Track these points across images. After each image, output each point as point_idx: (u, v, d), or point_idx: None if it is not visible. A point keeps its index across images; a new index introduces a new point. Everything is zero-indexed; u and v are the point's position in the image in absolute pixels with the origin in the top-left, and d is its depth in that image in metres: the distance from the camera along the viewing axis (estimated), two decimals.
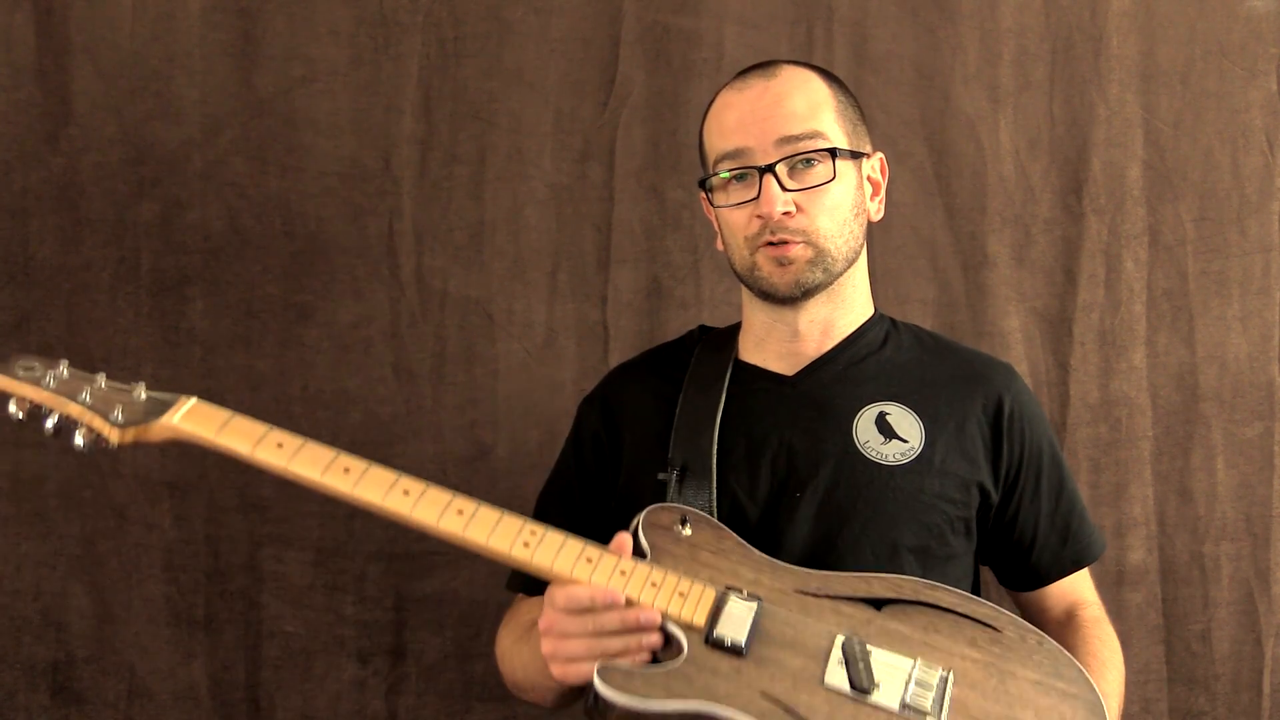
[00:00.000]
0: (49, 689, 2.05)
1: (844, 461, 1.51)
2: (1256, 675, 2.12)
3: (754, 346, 1.64)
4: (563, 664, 1.33)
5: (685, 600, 1.34)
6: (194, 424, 1.36)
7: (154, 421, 1.36)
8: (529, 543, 1.35)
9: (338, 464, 1.35)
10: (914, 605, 1.39)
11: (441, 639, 2.08)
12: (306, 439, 1.37)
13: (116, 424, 1.34)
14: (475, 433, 2.09)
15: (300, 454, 1.36)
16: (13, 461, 2.05)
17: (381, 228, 2.09)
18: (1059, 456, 1.64)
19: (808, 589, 1.39)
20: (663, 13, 2.10)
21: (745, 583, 1.38)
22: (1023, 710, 1.32)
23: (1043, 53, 2.11)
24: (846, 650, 1.32)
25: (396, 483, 1.36)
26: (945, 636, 1.36)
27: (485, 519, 1.36)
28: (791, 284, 1.53)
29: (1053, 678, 1.35)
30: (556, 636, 1.33)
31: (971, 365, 1.64)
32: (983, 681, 1.33)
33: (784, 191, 1.49)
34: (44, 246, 2.05)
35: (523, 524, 1.36)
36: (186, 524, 2.06)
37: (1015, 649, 1.37)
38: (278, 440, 1.36)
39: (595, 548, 1.36)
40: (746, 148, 1.51)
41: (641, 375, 1.69)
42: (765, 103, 1.52)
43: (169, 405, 1.38)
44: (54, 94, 2.04)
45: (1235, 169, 2.12)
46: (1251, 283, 2.12)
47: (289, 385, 2.08)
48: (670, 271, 2.11)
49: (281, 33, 2.06)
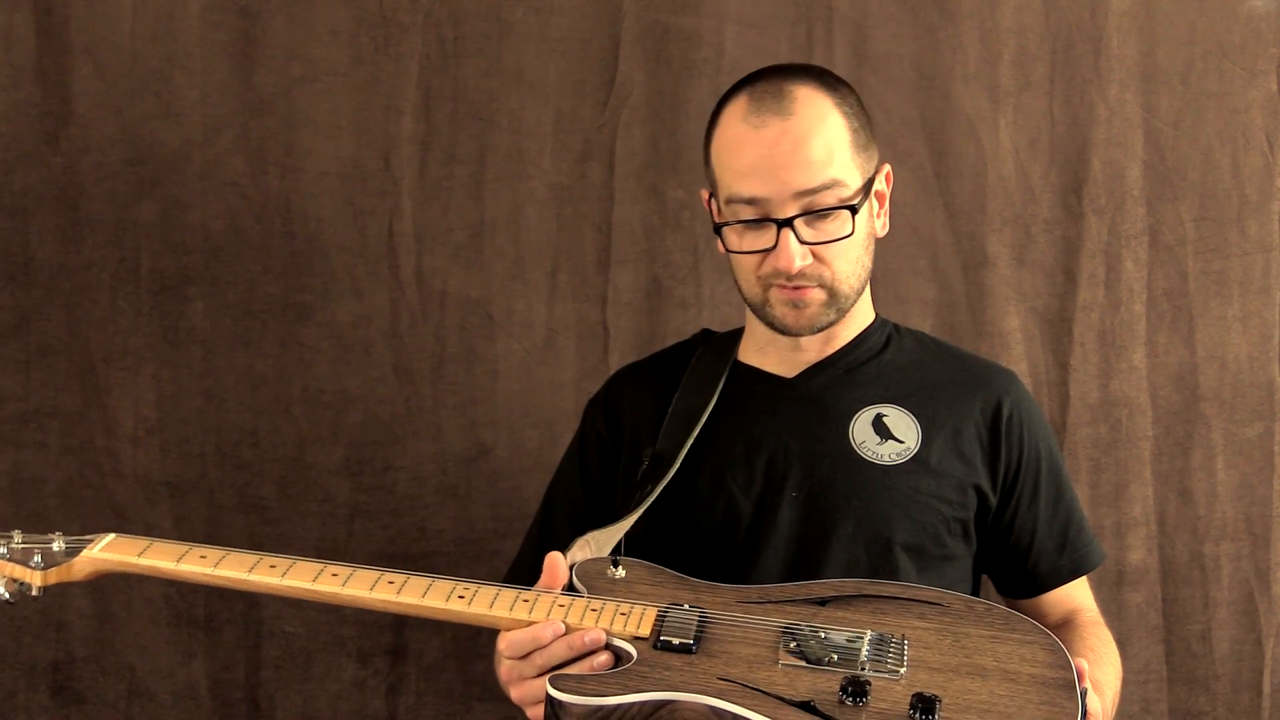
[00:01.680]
0: (49, 689, 2.05)
1: (839, 461, 1.52)
2: (1256, 675, 2.12)
3: (755, 351, 1.64)
4: (533, 707, 1.33)
5: (627, 618, 1.34)
6: (114, 553, 1.40)
7: (74, 559, 1.39)
8: (464, 595, 1.37)
9: (263, 563, 1.39)
10: (856, 599, 1.38)
11: (441, 639, 2.08)
12: (228, 550, 1.41)
13: (38, 568, 1.38)
14: (475, 433, 2.09)
15: (224, 561, 1.39)
16: (13, 461, 2.05)
17: (381, 228, 2.09)
18: (1059, 464, 1.63)
19: (749, 599, 1.39)
20: (663, 13, 2.10)
21: (685, 600, 1.38)
22: (981, 658, 1.31)
23: (1043, 53, 2.11)
24: (797, 636, 1.31)
25: (324, 569, 1.39)
26: (892, 616, 1.36)
27: (415, 585, 1.38)
28: (806, 326, 1.53)
29: (1005, 631, 1.34)
30: (517, 682, 1.34)
31: (971, 369, 1.64)
32: (937, 642, 1.33)
33: (801, 245, 1.47)
34: (44, 246, 2.05)
35: (452, 585, 1.38)
36: (186, 524, 2.06)
37: (964, 615, 1.36)
38: (200, 553, 1.40)
39: (529, 590, 1.38)
40: (764, 198, 1.47)
41: (643, 376, 1.70)
42: (783, 150, 1.46)
43: (87, 543, 1.41)
44: (54, 94, 2.04)
45: (1235, 169, 2.12)
46: (1251, 283, 2.12)
47: (289, 385, 2.08)
48: (670, 271, 2.11)
49: (281, 33, 2.06)
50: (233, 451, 2.06)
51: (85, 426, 2.05)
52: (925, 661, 1.30)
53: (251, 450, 2.06)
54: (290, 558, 1.40)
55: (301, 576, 1.38)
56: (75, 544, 1.42)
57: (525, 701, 1.35)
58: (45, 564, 1.38)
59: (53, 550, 1.40)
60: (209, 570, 1.38)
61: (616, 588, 1.40)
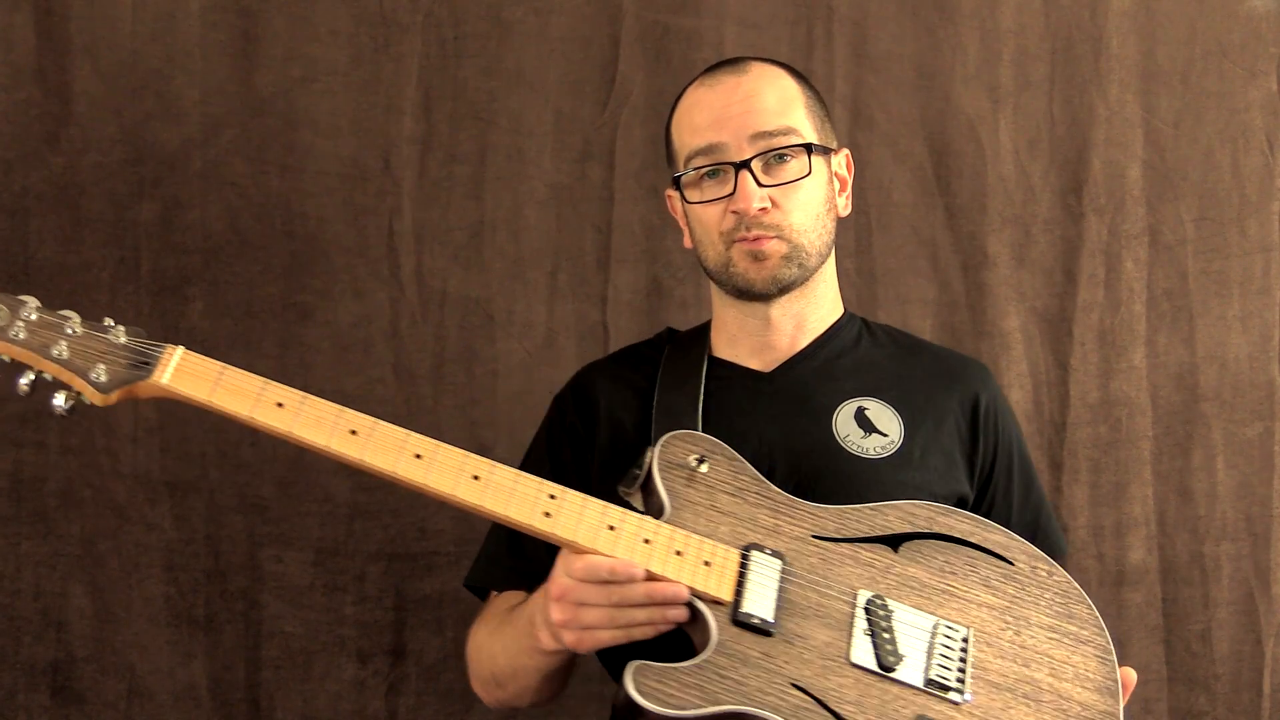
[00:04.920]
0: (49, 689, 2.05)
1: (825, 454, 1.52)
2: (1256, 675, 2.12)
3: (726, 343, 1.65)
4: (577, 632, 1.30)
5: (710, 570, 1.33)
6: (185, 385, 1.29)
7: (140, 381, 1.26)
8: (550, 512, 1.32)
9: (344, 423, 1.31)
10: (929, 539, 1.42)
11: (441, 639, 2.08)
12: (306, 396, 1.32)
13: (99, 385, 1.24)
14: (475, 433, 2.08)
15: (301, 417, 1.30)
16: (13, 461, 2.05)
17: (381, 228, 2.09)
18: (1027, 454, 1.67)
19: (825, 533, 1.41)
20: (663, 13, 2.10)
21: (765, 532, 1.39)
22: (1038, 669, 1.37)
23: (1043, 53, 2.11)
24: (870, 618, 1.35)
25: (405, 448, 1.32)
26: (961, 579, 1.40)
27: (502, 481, 1.32)
28: (768, 280, 1.55)
29: (1064, 619, 1.40)
30: (572, 604, 1.30)
31: (947, 363, 1.66)
32: (999, 636, 1.38)
33: (760, 187, 1.51)
34: (44, 246, 2.05)
35: (539, 487, 1.33)
36: (186, 524, 2.05)
37: (1028, 587, 1.41)
38: (277, 399, 1.30)
39: (618, 513, 1.35)
40: (720, 143, 1.53)
41: (612, 371, 1.69)
42: (738, 98, 1.54)
43: (155, 359, 1.29)
44: (54, 94, 2.04)
45: (1235, 169, 2.12)
46: (1251, 283, 2.12)
47: (289, 385, 2.07)
48: (670, 271, 2.11)
49: (281, 33, 2.06)
50: (233, 451, 2.06)
51: (85, 426, 2.05)
52: (987, 672, 1.36)
53: (251, 450, 2.06)
54: (374, 422, 1.32)
55: (385, 458, 1.29)
56: (140, 354, 1.26)
57: (571, 625, 1.30)
58: (108, 383, 1.22)
59: (115, 355, 1.23)
60: (286, 429, 1.28)
61: (698, 495, 1.40)
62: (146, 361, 1.30)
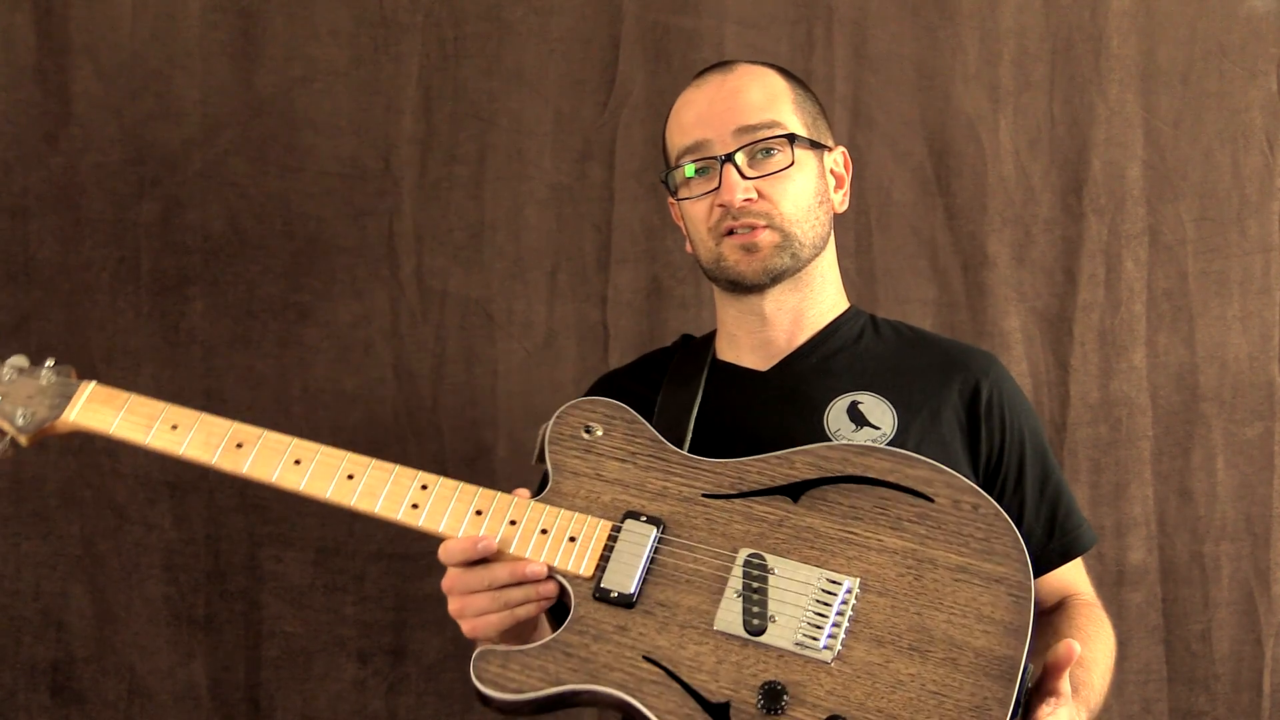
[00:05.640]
0: (49, 689, 2.05)
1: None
2: (1256, 675, 2.11)
3: (728, 344, 1.65)
4: (471, 619, 1.35)
5: (575, 545, 1.34)
6: (89, 418, 1.40)
7: (54, 420, 1.39)
8: (418, 503, 1.36)
9: (231, 438, 1.38)
10: (840, 483, 1.35)
11: (441, 639, 2.08)
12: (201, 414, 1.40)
13: (23, 429, 1.37)
14: (475, 433, 2.09)
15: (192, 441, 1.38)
16: (13, 461, 2.04)
17: (381, 228, 2.09)
18: (1044, 446, 1.62)
19: (719, 490, 1.37)
20: (663, 13, 2.10)
21: (650, 497, 1.36)
22: (934, 613, 1.27)
23: (1043, 53, 2.11)
24: (746, 579, 1.30)
25: (287, 457, 1.38)
26: (865, 524, 1.32)
27: (375, 479, 1.37)
28: (759, 271, 1.55)
29: (981, 556, 1.30)
30: (459, 594, 1.35)
31: (949, 353, 1.63)
32: (895, 583, 1.29)
33: (744, 179, 1.52)
34: (44, 246, 2.05)
35: (412, 479, 1.37)
36: (186, 524, 2.06)
37: (945, 523, 1.32)
38: (173, 422, 1.39)
39: (488, 497, 1.36)
40: (705, 140, 1.55)
41: (623, 380, 1.70)
42: (722, 95, 1.57)
43: (69, 396, 1.40)
44: (54, 94, 2.04)
45: (1235, 169, 2.12)
46: (1251, 283, 2.12)
47: (289, 385, 2.08)
48: (670, 271, 2.11)
49: (281, 33, 2.06)
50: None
51: None
52: (870, 626, 1.27)
53: None
54: (259, 433, 1.39)
55: (265, 468, 1.37)
56: (60, 393, 1.38)
57: (463, 615, 1.35)
58: (27, 426, 1.36)
59: (43, 406, 1.36)
60: (178, 451, 1.38)
61: (584, 465, 1.39)
62: (65, 399, 1.41)
